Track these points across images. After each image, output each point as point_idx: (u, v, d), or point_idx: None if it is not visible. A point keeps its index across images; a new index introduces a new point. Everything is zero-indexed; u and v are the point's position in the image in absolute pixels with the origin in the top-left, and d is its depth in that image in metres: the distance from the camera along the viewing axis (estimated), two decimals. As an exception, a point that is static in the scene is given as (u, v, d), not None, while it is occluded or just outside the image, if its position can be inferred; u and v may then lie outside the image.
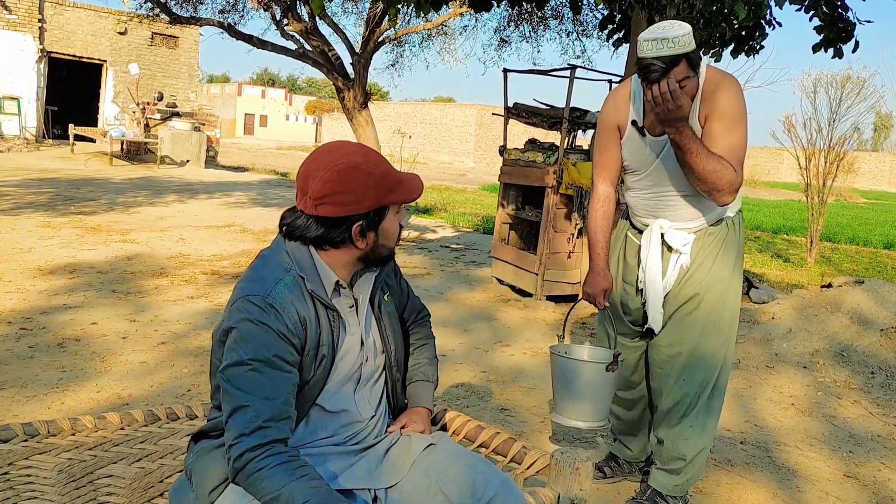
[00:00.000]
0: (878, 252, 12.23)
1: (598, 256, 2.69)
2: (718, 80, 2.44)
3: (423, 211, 12.64)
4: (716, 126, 2.42)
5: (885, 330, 4.67)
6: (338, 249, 1.58)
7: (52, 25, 20.19)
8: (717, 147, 2.40)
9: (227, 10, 10.12)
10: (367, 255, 1.60)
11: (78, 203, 9.96)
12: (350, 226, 1.54)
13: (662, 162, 2.55)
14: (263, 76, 78.29)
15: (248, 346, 1.46)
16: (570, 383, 2.50)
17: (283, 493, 1.36)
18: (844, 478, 3.17)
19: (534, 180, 5.91)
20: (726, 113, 2.41)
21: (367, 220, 1.55)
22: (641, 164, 2.61)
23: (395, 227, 1.62)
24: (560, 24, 10.67)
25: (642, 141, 2.56)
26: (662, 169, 2.56)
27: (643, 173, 2.62)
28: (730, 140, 2.40)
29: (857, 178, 34.56)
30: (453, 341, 4.79)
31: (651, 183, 2.61)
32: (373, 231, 1.57)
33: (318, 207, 1.52)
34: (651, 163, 2.57)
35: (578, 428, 2.54)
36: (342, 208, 1.52)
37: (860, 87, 10.58)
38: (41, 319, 4.48)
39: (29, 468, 1.78)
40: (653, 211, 2.65)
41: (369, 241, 1.58)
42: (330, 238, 1.55)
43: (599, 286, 2.66)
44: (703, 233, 2.60)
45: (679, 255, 2.59)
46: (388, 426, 1.78)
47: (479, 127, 40.74)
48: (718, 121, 2.42)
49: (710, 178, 2.35)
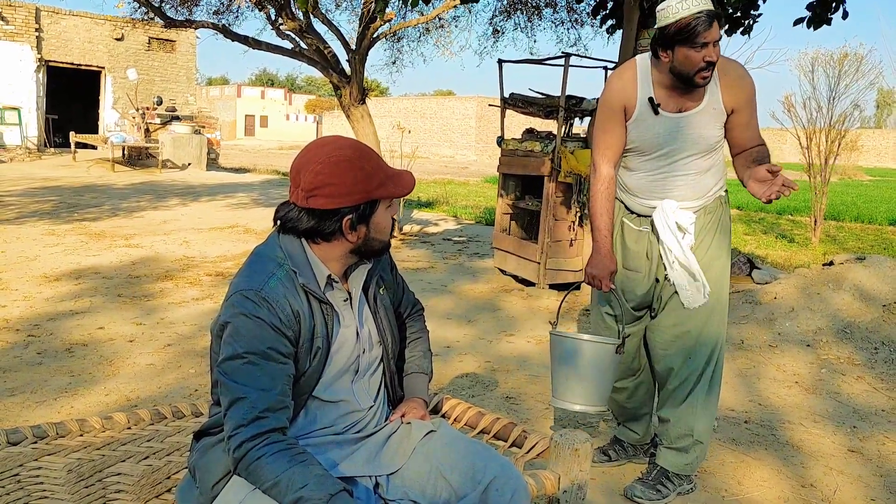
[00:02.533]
0: (882, 229, 12.20)
1: (603, 238, 2.66)
2: (733, 66, 2.56)
3: (425, 205, 12.66)
4: (748, 116, 2.58)
5: (888, 305, 4.68)
6: (329, 243, 1.60)
7: (49, 34, 20.25)
8: (753, 132, 2.59)
9: (222, 11, 10.14)
10: (360, 248, 1.63)
11: (81, 210, 10.01)
12: (341, 218, 1.57)
13: (676, 140, 2.56)
14: (262, 77, 78.28)
15: (242, 339, 1.49)
16: (573, 365, 2.49)
17: (283, 479, 1.40)
18: (848, 453, 3.19)
19: (532, 169, 5.93)
20: (753, 102, 2.58)
21: (358, 214, 1.58)
22: (651, 145, 2.59)
23: (387, 221, 1.65)
24: (554, 12, 10.66)
25: (655, 119, 2.55)
26: (675, 147, 2.57)
27: (652, 154, 2.61)
28: (755, 123, 2.61)
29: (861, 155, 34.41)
30: (458, 332, 4.82)
31: (661, 163, 2.61)
32: (363, 224, 1.60)
33: (309, 199, 1.55)
34: (662, 142, 2.57)
35: (579, 411, 2.55)
36: (332, 200, 1.55)
37: (858, 63, 10.53)
38: (49, 326, 4.53)
39: (39, 469, 1.82)
40: (660, 192, 2.65)
41: (360, 234, 1.60)
42: (321, 230, 1.57)
43: (606, 268, 2.63)
44: (703, 211, 2.66)
45: (685, 235, 2.62)
46: (388, 416, 1.81)
47: (479, 119, 40.69)
48: (748, 109, 2.57)
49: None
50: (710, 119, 2.53)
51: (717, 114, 2.53)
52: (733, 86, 2.50)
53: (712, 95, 2.50)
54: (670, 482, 2.73)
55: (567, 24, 10.75)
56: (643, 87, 2.56)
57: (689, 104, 2.52)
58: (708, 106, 2.51)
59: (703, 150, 2.57)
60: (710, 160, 2.61)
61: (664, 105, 2.53)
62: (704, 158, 2.59)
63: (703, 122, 2.53)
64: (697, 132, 2.53)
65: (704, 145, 2.56)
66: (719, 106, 2.52)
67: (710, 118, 2.53)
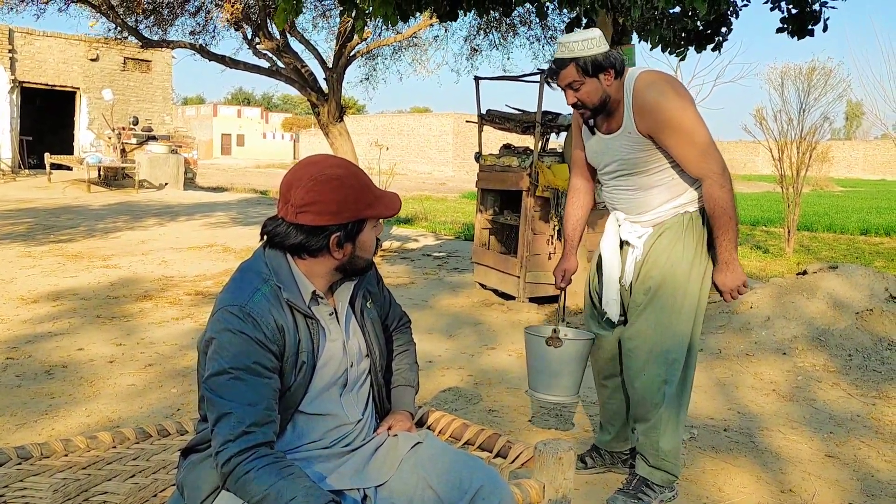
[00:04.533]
0: (854, 238, 12.43)
1: (565, 241, 2.98)
2: (647, 92, 2.53)
3: (404, 221, 12.70)
4: (667, 139, 2.52)
5: (860, 313, 4.78)
6: (315, 258, 1.63)
7: (23, 55, 20.09)
8: (685, 158, 2.52)
9: (198, 31, 10.14)
10: (345, 265, 1.66)
11: (58, 231, 9.93)
12: (328, 235, 1.60)
13: (610, 159, 2.70)
14: (238, 96, 78.17)
15: (227, 354, 1.51)
16: (532, 357, 2.80)
17: (272, 492, 1.41)
18: (826, 458, 3.25)
19: (510, 184, 5.99)
20: (672, 127, 2.49)
21: (345, 232, 1.61)
22: (595, 161, 2.81)
23: (372, 240, 1.68)
24: (529, 30, 10.79)
25: (593, 139, 2.76)
26: (610, 165, 2.72)
27: (601, 170, 2.80)
28: (691, 147, 2.49)
29: (833, 167, 35.04)
30: (439, 347, 4.84)
31: (606, 178, 2.78)
32: (350, 243, 1.63)
33: (298, 215, 1.58)
34: (600, 159, 2.76)
35: (548, 401, 2.85)
36: (321, 217, 1.58)
37: (826, 77, 10.76)
38: (27, 348, 4.49)
39: (24, 490, 1.82)
40: (612, 204, 2.82)
41: (346, 252, 1.63)
42: (308, 246, 1.60)
43: (559, 267, 2.92)
44: (660, 227, 2.66)
45: (634, 249, 2.71)
46: (376, 429, 1.83)
47: (456, 136, 40.92)
48: (666, 133, 2.51)
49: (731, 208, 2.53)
50: (628, 142, 2.62)
51: (633, 138, 2.60)
52: (642, 111, 2.55)
53: (628, 120, 2.59)
54: (651, 490, 2.77)
55: (542, 40, 10.88)
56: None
57: (612, 127, 2.67)
58: (624, 130, 2.62)
59: (632, 170, 2.64)
60: (649, 179, 2.63)
61: (599, 126, 2.72)
62: (643, 176, 2.63)
63: (622, 145, 2.64)
64: (620, 154, 2.65)
65: (631, 165, 2.64)
66: (633, 130, 2.58)
67: (627, 141, 2.62)
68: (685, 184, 2.63)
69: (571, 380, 2.76)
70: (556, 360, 2.72)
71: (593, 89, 2.54)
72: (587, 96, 2.56)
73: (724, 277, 2.58)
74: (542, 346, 2.72)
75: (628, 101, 2.57)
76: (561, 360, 2.72)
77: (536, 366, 2.79)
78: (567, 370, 2.73)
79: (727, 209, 2.50)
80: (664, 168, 2.61)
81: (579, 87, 2.54)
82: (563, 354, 2.71)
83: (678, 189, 2.64)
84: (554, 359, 2.71)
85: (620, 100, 2.59)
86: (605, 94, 2.56)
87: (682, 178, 2.62)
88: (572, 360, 2.73)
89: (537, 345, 2.75)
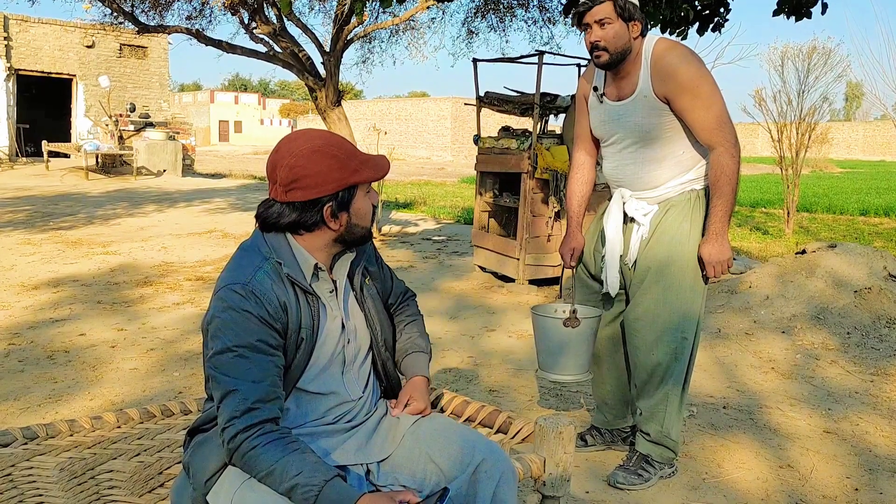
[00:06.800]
0: (854, 219, 12.43)
1: (569, 219, 2.88)
2: (667, 53, 2.52)
3: (403, 206, 12.69)
4: (685, 102, 2.50)
5: (859, 291, 4.79)
6: (312, 233, 1.63)
7: (19, 43, 20.01)
8: (699, 123, 2.50)
9: (195, 16, 10.10)
10: (343, 236, 1.66)
11: (57, 218, 9.93)
12: (321, 208, 1.60)
13: (620, 128, 2.65)
14: (235, 82, 77.91)
15: (231, 333, 1.52)
16: (547, 341, 2.70)
17: (278, 468, 1.43)
18: (824, 434, 3.27)
19: (509, 167, 5.98)
20: (691, 90, 2.48)
21: (337, 201, 1.61)
22: (601, 132, 2.74)
23: (368, 206, 1.68)
24: (526, 11, 10.75)
25: (601, 108, 2.69)
26: (621, 136, 2.66)
27: (606, 142, 2.74)
28: (707, 112, 2.49)
29: (832, 148, 34.93)
30: (441, 329, 4.86)
31: (613, 151, 2.72)
32: (344, 211, 1.63)
33: (287, 194, 1.58)
34: (608, 129, 2.69)
35: (563, 381, 2.77)
36: (311, 191, 1.58)
37: (826, 57, 10.72)
38: (29, 334, 4.50)
39: (31, 469, 1.83)
40: (617, 180, 2.75)
41: (342, 221, 1.63)
42: (303, 222, 1.60)
43: (567, 245, 2.85)
44: (666, 204, 2.65)
45: (639, 227, 2.67)
46: (392, 409, 1.81)
47: (454, 120, 40.76)
48: (683, 97, 2.50)
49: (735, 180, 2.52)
50: (643, 107, 2.57)
51: (648, 102, 2.56)
52: (661, 73, 2.51)
53: (644, 83, 2.55)
54: (651, 467, 2.79)
55: (539, 22, 10.85)
56: (596, 77, 2.73)
57: (625, 92, 2.62)
58: (639, 94, 2.58)
59: (644, 138, 2.61)
60: (660, 150, 2.61)
61: (608, 94, 2.67)
62: (651, 148, 2.61)
63: (637, 110, 2.59)
64: (633, 120, 2.61)
65: (643, 133, 2.60)
66: (650, 94, 2.54)
67: (642, 106, 2.58)
68: (693, 159, 2.62)
69: (585, 357, 2.71)
70: (573, 339, 2.65)
71: (622, 33, 2.49)
72: (614, 38, 2.49)
73: (711, 248, 2.54)
74: (556, 326, 2.65)
75: (646, 62, 2.53)
76: (576, 339, 2.65)
77: (549, 347, 2.71)
78: (582, 349, 2.68)
79: (731, 179, 2.50)
80: (675, 139, 2.59)
81: (608, 26, 2.48)
82: (578, 334, 2.65)
83: (686, 164, 2.62)
84: (571, 339, 2.64)
85: (637, 63, 2.56)
86: (628, 46, 2.52)
87: (691, 152, 2.61)
88: (586, 338, 2.68)
89: (551, 326, 2.67)
